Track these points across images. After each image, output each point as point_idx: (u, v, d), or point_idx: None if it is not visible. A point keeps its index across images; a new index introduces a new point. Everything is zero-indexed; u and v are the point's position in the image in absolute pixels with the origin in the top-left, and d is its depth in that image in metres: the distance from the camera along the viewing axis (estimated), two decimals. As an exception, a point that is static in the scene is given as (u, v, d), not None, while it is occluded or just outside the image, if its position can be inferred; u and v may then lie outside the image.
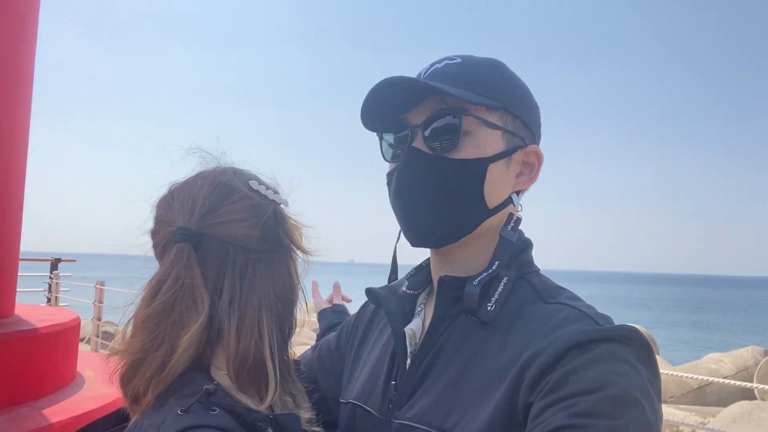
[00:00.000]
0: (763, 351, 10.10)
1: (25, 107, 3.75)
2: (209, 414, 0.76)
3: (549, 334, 0.74)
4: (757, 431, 4.77)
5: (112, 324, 12.01)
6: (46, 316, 3.79)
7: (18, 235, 3.78)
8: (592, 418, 0.61)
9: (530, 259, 0.90)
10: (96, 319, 8.76)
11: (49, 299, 9.60)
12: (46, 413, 3.08)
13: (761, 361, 9.27)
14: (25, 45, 3.70)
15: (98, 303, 8.71)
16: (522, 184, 0.90)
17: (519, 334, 0.78)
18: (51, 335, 3.46)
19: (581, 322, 0.74)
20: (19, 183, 3.75)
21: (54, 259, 10.28)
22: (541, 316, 0.78)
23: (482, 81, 0.86)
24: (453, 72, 0.86)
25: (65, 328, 3.64)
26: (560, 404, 0.64)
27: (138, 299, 0.86)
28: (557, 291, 0.84)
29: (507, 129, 0.86)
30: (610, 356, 0.68)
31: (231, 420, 0.77)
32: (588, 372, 0.66)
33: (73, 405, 3.26)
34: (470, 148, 0.83)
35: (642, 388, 0.65)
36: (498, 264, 0.84)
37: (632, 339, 0.71)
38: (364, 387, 0.94)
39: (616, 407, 0.62)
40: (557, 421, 0.62)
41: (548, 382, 0.68)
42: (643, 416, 0.63)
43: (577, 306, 0.78)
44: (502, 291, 0.83)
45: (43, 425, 2.92)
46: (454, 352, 0.82)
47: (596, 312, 0.78)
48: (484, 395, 0.75)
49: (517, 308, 0.82)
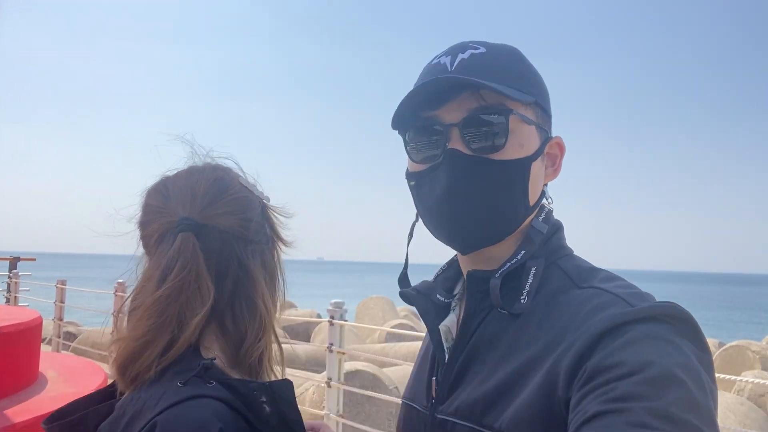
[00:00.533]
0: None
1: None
2: (207, 386, 0.82)
3: (582, 323, 0.70)
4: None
5: (74, 324, 11.72)
6: (7, 315, 3.71)
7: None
8: (629, 401, 0.58)
9: (561, 243, 0.87)
10: (57, 319, 8.54)
11: (8, 299, 9.32)
12: (8, 413, 3.02)
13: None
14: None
15: (59, 303, 8.49)
16: (549, 176, 0.88)
17: (553, 323, 0.74)
18: (12, 335, 3.38)
19: (614, 306, 0.70)
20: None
21: (12, 257, 9.99)
22: (574, 303, 0.75)
23: (514, 73, 0.82)
24: (484, 63, 0.80)
25: (27, 327, 3.56)
26: (596, 391, 0.61)
27: (140, 286, 0.91)
28: (591, 273, 0.80)
29: (539, 123, 0.84)
30: (645, 337, 0.64)
31: (227, 392, 0.82)
32: (623, 355, 0.62)
33: (36, 405, 3.19)
34: (515, 148, 0.80)
35: (684, 364, 0.61)
36: (524, 253, 0.82)
37: (670, 315, 0.67)
38: (413, 385, 0.96)
39: (655, 388, 0.58)
40: (593, 408, 0.59)
41: (584, 372, 0.64)
42: (686, 394, 0.58)
43: (610, 289, 0.74)
44: (533, 282, 0.80)
45: (5, 425, 2.86)
46: (489, 346, 0.80)
47: (633, 292, 0.73)
48: (519, 386, 0.72)
49: (549, 297, 0.78)
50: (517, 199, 0.82)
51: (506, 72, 0.81)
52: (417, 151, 0.85)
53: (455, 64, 0.81)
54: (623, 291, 0.73)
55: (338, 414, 4.82)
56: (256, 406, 0.84)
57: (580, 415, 0.61)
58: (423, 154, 0.84)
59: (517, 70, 0.83)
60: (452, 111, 0.80)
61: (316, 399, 5.70)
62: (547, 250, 0.84)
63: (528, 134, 0.82)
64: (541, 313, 0.77)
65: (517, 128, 0.80)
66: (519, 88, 0.80)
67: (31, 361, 3.70)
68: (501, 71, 0.80)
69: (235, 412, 0.82)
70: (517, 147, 0.80)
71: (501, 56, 0.82)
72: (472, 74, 0.78)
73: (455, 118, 0.80)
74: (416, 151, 0.85)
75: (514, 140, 0.80)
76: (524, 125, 0.81)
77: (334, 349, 4.83)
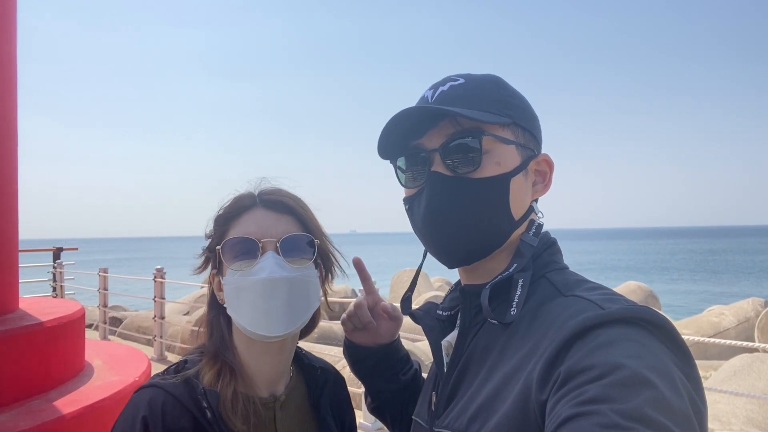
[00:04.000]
0: (763, 302, 10.21)
1: (10, 93, 3.70)
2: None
3: (558, 330, 0.73)
4: (757, 383, 4.84)
5: (120, 308, 12.12)
6: (51, 309, 3.82)
7: (16, 229, 3.79)
8: (599, 403, 0.59)
9: (554, 258, 0.90)
10: (102, 306, 8.84)
11: (54, 288, 9.68)
12: (57, 405, 3.13)
13: (762, 312, 9.37)
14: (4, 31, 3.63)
15: (103, 290, 8.78)
16: (538, 192, 0.94)
17: (535, 331, 0.77)
18: (56, 328, 3.49)
19: (588, 311, 0.72)
20: (12, 175, 3.72)
21: (56, 248, 10.32)
22: (555, 311, 0.77)
23: (490, 99, 0.88)
24: (460, 93, 0.88)
25: (70, 320, 3.67)
26: (568, 396, 0.63)
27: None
28: (577, 284, 0.83)
29: (519, 142, 0.89)
30: (615, 339, 0.65)
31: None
32: (594, 359, 0.64)
33: (83, 395, 3.31)
34: (492, 166, 0.86)
35: (654, 367, 0.62)
36: (515, 267, 0.86)
37: (641, 318, 0.68)
38: (420, 402, 1.00)
39: (625, 390, 0.59)
40: (565, 412, 0.61)
41: (558, 376, 0.66)
42: (657, 396, 0.59)
43: (589, 296, 0.76)
44: (521, 293, 0.83)
45: (56, 416, 2.97)
46: (480, 359, 0.84)
47: (608, 298, 0.75)
48: (501, 396, 0.75)
49: (536, 307, 0.82)
50: (499, 214, 0.87)
51: (482, 99, 0.88)
52: (407, 178, 0.93)
53: (435, 96, 0.90)
54: (599, 297, 0.75)
55: (376, 391, 4.86)
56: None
57: (553, 420, 0.62)
58: (412, 180, 0.92)
59: (494, 96, 0.89)
60: (433, 138, 0.88)
61: (353, 377, 5.76)
62: (538, 264, 0.88)
63: (505, 153, 0.87)
64: (526, 323, 0.80)
65: (492, 148, 0.86)
66: (495, 111, 0.87)
67: (76, 351, 3.82)
68: (476, 99, 0.88)
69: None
70: (494, 165, 0.86)
71: (478, 85, 0.90)
72: (450, 104, 0.86)
73: (436, 144, 0.88)
74: (406, 178, 0.93)
75: (490, 159, 0.86)
76: (500, 145, 0.87)
77: (369, 327, 4.85)
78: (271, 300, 1.00)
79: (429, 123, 0.88)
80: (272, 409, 1.09)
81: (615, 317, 0.68)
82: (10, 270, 3.76)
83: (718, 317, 9.92)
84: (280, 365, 1.12)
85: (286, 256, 1.03)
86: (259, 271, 1.00)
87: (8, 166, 3.67)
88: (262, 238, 1.04)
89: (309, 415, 1.16)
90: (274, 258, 1.02)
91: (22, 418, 2.92)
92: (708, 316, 10.23)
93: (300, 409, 1.15)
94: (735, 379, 5.01)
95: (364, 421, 4.93)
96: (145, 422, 0.94)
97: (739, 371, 5.15)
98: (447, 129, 0.87)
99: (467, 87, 0.89)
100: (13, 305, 3.77)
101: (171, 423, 0.95)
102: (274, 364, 1.11)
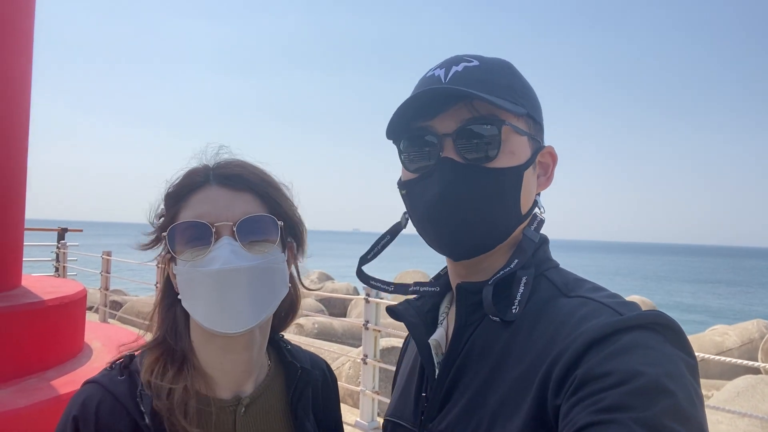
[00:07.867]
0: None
1: (25, 75, 3.68)
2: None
3: (572, 331, 0.71)
4: (761, 405, 4.78)
5: (121, 293, 12.13)
6: (53, 288, 3.80)
7: (22, 207, 3.77)
8: (618, 412, 0.58)
9: (547, 255, 0.89)
10: (104, 289, 8.84)
11: (56, 268, 9.68)
12: (54, 384, 3.11)
13: (767, 334, 9.28)
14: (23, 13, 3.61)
15: (105, 273, 8.77)
16: (541, 185, 0.90)
17: (542, 333, 0.75)
18: (57, 307, 3.47)
19: (603, 315, 0.71)
20: (22, 155, 3.71)
21: (61, 228, 10.33)
22: (563, 312, 0.76)
23: (506, 86, 0.84)
24: (477, 77, 0.83)
25: (71, 300, 3.64)
26: (585, 401, 0.61)
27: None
28: (577, 284, 0.82)
29: (531, 134, 0.86)
30: (634, 346, 0.64)
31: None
32: (612, 365, 0.63)
33: (81, 376, 3.28)
34: (507, 157, 0.82)
35: (672, 374, 0.61)
36: (517, 262, 0.83)
37: (658, 324, 0.67)
38: (398, 402, 0.96)
39: (644, 398, 0.58)
40: (583, 419, 0.60)
41: (573, 381, 0.65)
42: (675, 405, 0.58)
43: (599, 298, 0.75)
44: (524, 291, 0.81)
45: (52, 396, 2.94)
46: (479, 359, 0.81)
47: (619, 301, 0.74)
48: (513, 402, 0.72)
49: (538, 306, 0.79)
50: (510, 207, 0.83)
51: (498, 85, 0.83)
52: (410, 160, 0.87)
53: (449, 77, 0.83)
54: (610, 300, 0.74)
55: (373, 390, 4.84)
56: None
57: (569, 426, 0.61)
58: (416, 163, 0.86)
59: (509, 83, 0.85)
60: (445, 121, 0.82)
61: (352, 374, 5.74)
62: (535, 262, 0.86)
63: (519, 144, 0.84)
64: (531, 322, 0.78)
65: (508, 138, 0.82)
66: (511, 99, 0.83)
67: (76, 332, 3.80)
68: (493, 84, 0.82)
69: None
70: (509, 156, 0.82)
71: (494, 69, 0.85)
72: (466, 86, 0.80)
73: (449, 129, 0.82)
74: (410, 161, 0.87)
75: (505, 149, 0.82)
76: (516, 135, 0.83)
77: (370, 326, 4.84)
78: (228, 293, 0.88)
79: (442, 105, 0.81)
80: (233, 413, 0.96)
81: (633, 323, 0.67)
82: (14, 247, 3.74)
83: (721, 336, 9.84)
84: (245, 363, 0.98)
85: (245, 241, 0.90)
86: (211, 262, 0.88)
87: (18, 148, 3.65)
88: (215, 221, 0.90)
89: (283, 420, 1.02)
90: (230, 245, 0.88)
91: (17, 396, 2.89)
92: (711, 335, 10.14)
93: (272, 412, 1.01)
94: (738, 400, 4.95)
95: (360, 419, 4.89)
96: (76, 423, 0.87)
97: (743, 392, 5.08)
98: (462, 113, 0.81)
99: (483, 70, 0.83)
100: (16, 282, 3.75)
101: (104, 425, 0.87)
102: (239, 362, 0.97)
